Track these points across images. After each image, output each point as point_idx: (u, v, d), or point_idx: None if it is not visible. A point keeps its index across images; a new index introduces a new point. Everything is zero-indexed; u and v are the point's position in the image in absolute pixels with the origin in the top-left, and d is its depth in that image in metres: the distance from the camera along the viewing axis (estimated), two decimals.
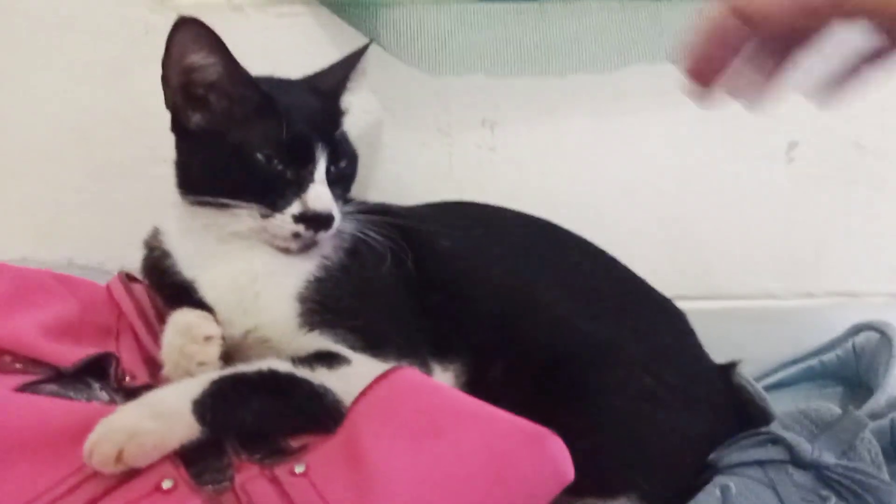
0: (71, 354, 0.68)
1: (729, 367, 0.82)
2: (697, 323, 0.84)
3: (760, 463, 0.72)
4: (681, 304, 0.86)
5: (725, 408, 0.79)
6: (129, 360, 0.73)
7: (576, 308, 0.78)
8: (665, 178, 1.00)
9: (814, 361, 0.94)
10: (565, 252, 0.84)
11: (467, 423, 0.57)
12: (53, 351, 0.68)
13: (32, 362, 0.68)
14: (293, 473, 0.56)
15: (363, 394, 0.60)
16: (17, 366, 0.68)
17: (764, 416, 0.78)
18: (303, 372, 0.65)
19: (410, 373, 0.61)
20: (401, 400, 0.59)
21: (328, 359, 0.67)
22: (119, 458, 0.53)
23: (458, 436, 0.56)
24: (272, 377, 0.64)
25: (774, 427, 0.74)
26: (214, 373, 0.63)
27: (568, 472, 0.57)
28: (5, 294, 0.72)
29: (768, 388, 0.85)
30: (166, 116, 0.76)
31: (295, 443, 0.61)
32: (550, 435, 0.57)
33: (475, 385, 0.73)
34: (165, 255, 0.77)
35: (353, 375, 0.65)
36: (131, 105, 0.96)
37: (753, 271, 1.03)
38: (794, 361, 0.95)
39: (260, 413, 0.61)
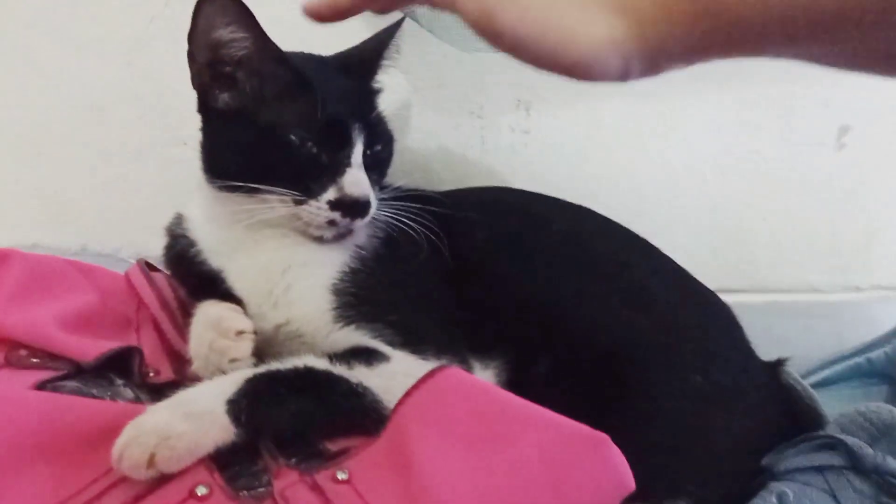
0: (91, 348, 0.64)
1: (776, 365, 0.78)
2: (738, 317, 0.80)
3: (819, 469, 0.68)
4: (721, 298, 0.81)
5: (776, 408, 0.75)
6: (152, 355, 0.69)
7: (622, 302, 0.74)
8: (708, 163, 0.96)
9: (860, 359, 0.91)
10: (608, 242, 0.80)
11: (524, 428, 0.53)
12: (73, 344, 0.64)
13: (50, 357, 0.64)
14: (335, 480, 0.52)
15: (408, 394, 0.56)
16: (34, 360, 0.64)
17: (813, 417, 0.75)
18: (340, 370, 0.61)
19: (458, 373, 0.57)
20: (450, 402, 0.55)
21: (366, 356, 0.63)
22: (151, 462, 0.49)
23: (516, 443, 0.52)
24: (309, 375, 0.60)
25: (832, 430, 0.71)
26: (248, 371, 0.59)
27: (629, 481, 0.54)
28: (21, 283, 0.67)
29: (812, 387, 0.82)
30: (186, 95, 0.71)
31: (333, 446, 0.57)
32: (611, 441, 0.53)
33: (517, 384, 0.69)
34: (190, 243, 0.73)
35: (394, 374, 0.62)
36: (149, 83, 0.91)
37: (798, 263, 0.99)
38: (841, 359, 0.92)
39: (297, 414, 0.57)
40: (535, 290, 0.74)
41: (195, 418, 0.53)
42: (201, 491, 0.50)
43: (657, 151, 0.96)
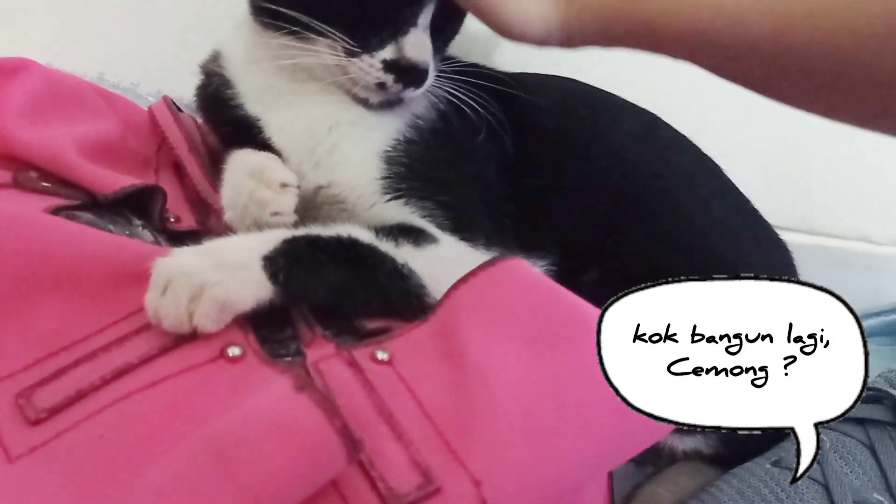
0: (110, 180, 0.57)
1: None
2: None
3: (860, 421, 0.66)
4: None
5: None
6: (172, 200, 0.63)
7: (682, 224, 0.70)
8: None
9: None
10: (677, 156, 0.74)
11: (589, 333, 0.48)
12: (90, 173, 0.57)
13: (63, 183, 0.58)
14: (375, 360, 0.48)
15: (464, 280, 0.51)
16: (45, 185, 0.57)
17: None
18: (386, 246, 0.55)
19: (520, 264, 0.52)
20: (510, 295, 0.50)
21: (414, 235, 0.58)
22: (189, 314, 0.45)
23: (580, 347, 0.47)
24: (352, 247, 0.54)
25: (879, 382, 0.67)
26: (286, 231, 0.54)
27: None
28: (38, 98, 0.60)
29: None
30: None
31: (371, 324, 0.52)
32: None
33: None
34: (226, 83, 0.66)
35: (441, 259, 0.57)
36: None
37: (855, 210, 0.94)
38: (877, 313, 0.88)
39: (335, 285, 0.52)
40: (596, 193, 0.68)
41: (229, 270, 0.47)
42: (233, 351, 0.46)
43: None
